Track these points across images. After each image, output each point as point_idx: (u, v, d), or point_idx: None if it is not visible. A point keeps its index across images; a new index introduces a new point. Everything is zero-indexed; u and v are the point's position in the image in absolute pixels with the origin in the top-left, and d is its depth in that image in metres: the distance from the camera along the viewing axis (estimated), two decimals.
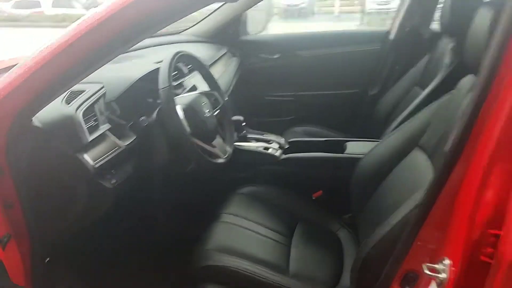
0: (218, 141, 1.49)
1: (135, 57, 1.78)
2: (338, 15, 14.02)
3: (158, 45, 2.17)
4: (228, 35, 2.60)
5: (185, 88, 1.72)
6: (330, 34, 2.81)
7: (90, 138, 1.15)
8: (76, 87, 1.28)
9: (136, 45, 2.16)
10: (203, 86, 1.69)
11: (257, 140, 1.98)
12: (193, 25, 2.58)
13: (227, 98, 1.96)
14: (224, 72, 2.27)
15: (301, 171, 1.83)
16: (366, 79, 2.61)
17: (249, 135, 1.99)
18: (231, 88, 2.28)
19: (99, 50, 0.95)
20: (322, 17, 14.28)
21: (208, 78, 1.59)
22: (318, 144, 1.96)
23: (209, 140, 1.44)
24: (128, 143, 1.31)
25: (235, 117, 1.88)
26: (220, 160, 1.45)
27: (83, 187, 1.16)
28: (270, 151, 1.86)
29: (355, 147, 1.85)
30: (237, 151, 1.84)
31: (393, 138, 1.47)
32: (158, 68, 1.35)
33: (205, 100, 1.47)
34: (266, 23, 2.74)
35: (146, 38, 1.09)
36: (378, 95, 2.50)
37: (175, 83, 1.69)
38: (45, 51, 0.95)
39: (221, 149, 1.48)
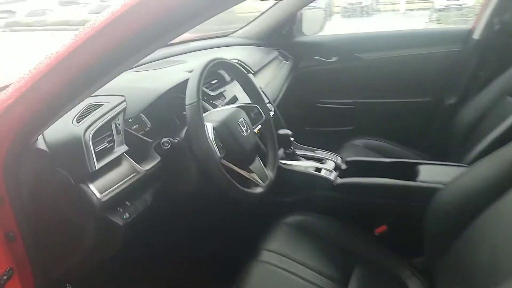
0: (257, 164, 1.24)
1: (171, 63, 1.58)
2: (404, 13, 13.18)
3: (201, 50, 1.96)
4: (281, 37, 2.34)
5: (225, 98, 1.49)
6: (397, 34, 2.44)
7: (99, 164, 0.95)
8: (93, 100, 1.10)
9: (178, 49, 2.00)
10: (244, 98, 1.45)
11: (308, 158, 1.69)
12: (244, 27, 2.35)
13: (273, 110, 1.70)
14: (273, 77, 2.02)
15: (361, 199, 1.51)
16: (441, 85, 2.22)
17: (299, 152, 1.71)
18: (281, 95, 2.02)
19: (107, 57, 0.74)
20: (387, 15, 13.51)
21: (249, 89, 1.34)
22: (383, 165, 1.63)
23: (245, 164, 1.19)
24: (149, 167, 1.09)
25: (282, 131, 1.61)
26: (258, 190, 1.19)
27: (88, 224, 0.96)
28: (323, 173, 1.57)
29: (431, 173, 1.50)
30: (283, 171, 1.57)
31: (485, 167, 1.13)
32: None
33: (243, 116, 1.23)
34: (324, 23, 2.43)
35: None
36: (457, 105, 2.10)
37: (214, 93, 1.47)
38: (47, 59, 0.76)
39: (260, 175, 1.23)
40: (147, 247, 1.28)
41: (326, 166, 1.62)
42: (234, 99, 1.45)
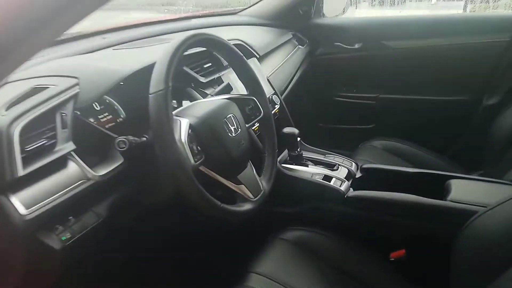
0: (248, 173, 0.98)
1: (158, 41, 1.32)
2: (436, 2, 12.50)
3: (201, 28, 1.70)
4: (297, 17, 2.04)
5: (219, 87, 1.23)
6: (432, 20, 2.10)
7: (28, 169, 0.72)
8: (42, 81, 0.86)
9: (174, 26, 1.74)
10: (242, 88, 1.19)
11: (317, 163, 1.43)
12: (255, 4, 2.07)
13: (278, 103, 1.44)
14: (283, 64, 1.74)
15: (376, 217, 1.24)
16: (482, 82, 1.90)
17: (306, 154, 1.45)
18: (291, 85, 1.74)
19: None
20: (418, 5, 12.83)
21: (245, 76, 1.07)
22: (406, 176, 1.35)
23: (232, 173, 0.94)
24: (105, 172, 0.85)
25: (287, 129, 1.35)
26: (246, 207, 0.94)
27: (14, 248, 0.73)
28: (333, 182, 1.30)
29: (466, 190, 1.21)
30: (285, 178, 1.32)
31: None
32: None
33: (233, 111, 0.97)
34: (347, 2, 2.12)
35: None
36: (499, 106, 1.78)
37: (205, 79, 1.21)
38: None
39: (251, 186, 0.97)
40: (101, 273, 1.05)
41: (338, 174, 1.35)
42: (227, 89, 1.19)
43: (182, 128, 0.83)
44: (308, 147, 1.52)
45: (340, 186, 1.28)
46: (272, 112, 1.42)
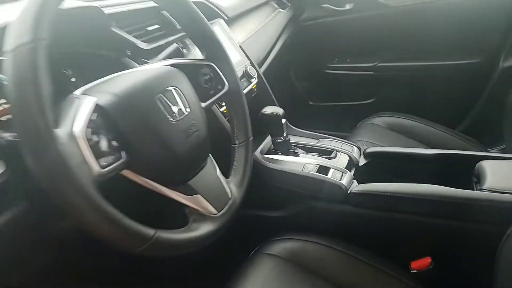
0: (207, 175, 0.66)
1: None
2: None
3: None
4: None
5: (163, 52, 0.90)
6: None
7: None
8: None
9: None
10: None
11: (308, 150, 1.12)
12: None
13: (255, 76, 1.12)
14: (261, 30, 1.41)
15: (390, 217, 0.94)
16: (498, 41, 1.59)
17: (295, 140, 1.14)
18: (272, 56, 1.42)
19: None
20: None
21: (198, 34, 0.75)
22: (421, 160, 1.05)
23: (178, 178, 0.62)
24: None
25: (269, 109, 1.03)
26: (204, 229, 0.61)
27: None
28: (331, 174, 0.99)
29: (506, 175, 0.92)
30: (268, 172, 1.01)
31: None
32: None
33: (176, 82, 0.64)
34: None
35: None
36: None
37: (148, 46, 0.88)
38: None
39: (212, 196, 0.65)
40: None
41: (336, 162, 1.04)
42: (176, 55, 0.86)
43: (81, 112, 0.51)
44: (297, 130, 1.21)
45: (340, 179, 0.97)
46: (248, 88, 1.11)
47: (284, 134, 1.07)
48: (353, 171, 1.05)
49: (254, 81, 1.14)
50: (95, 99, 0.53)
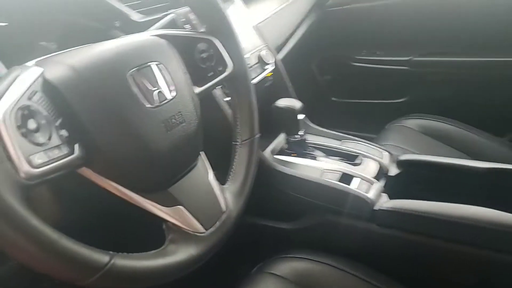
0: (197, 179, 0.50)
1: None
2: None
3: None
4: None
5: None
6: None
7: None
8: None
9: None
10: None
11: (329, 153, 0.94)
12: None
13: (271, 63, 0.95)
14: (280, 14, 1.23)
15: (426, 243, 0.76)
16: None
17: (313, 141, 0.97)
18: (291, 43, 1.25)
19: None
20: None
21: (198, 3, 0.58)
22: (471, 174, 0.86)
23: (155, 182, 0.46)
24: None
25: (283, 102, 0.86)
26: (183, 254, 0.45)
27: None
28: (355, 185, 0.81)
29: None
30: (278, 176, 0.85)
31: None
32: None
33: (160, 57, 0.48)
34: None
35: None
36: None
37: (142, 19, 0.73)
38: None
39: (200, 206, 0.49)
40: None
41: (362, 170, 0.86)
42: (172, 27, 0.70)
43: (13, 88, 0.35)
44: (316, 128, 1.03)
45: (366, 192, 0.80)
46: (262, 75, 0.94)
47: (301, 132, 0.90)
48: (382, 182, 0.87)
49: (270, 68, 0.97)
50: (41, 70, 0.38)
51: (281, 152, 0.93)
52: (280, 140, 0.95)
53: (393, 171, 0.91)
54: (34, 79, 0.37)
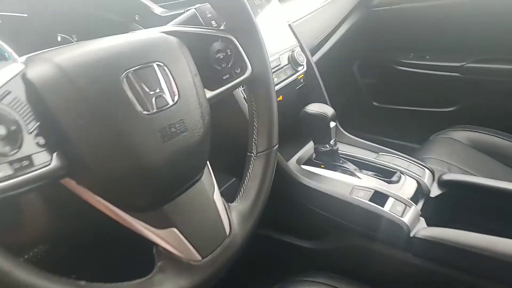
0: (198, 196, 0.44)
1: None
2: None
3: None
4: None
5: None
6: None
7: None
8: None
9: None
10: None
11: (362, 166, 0.85)
12: None
13: (303, 65, 0.88)
14: (320, 10, 1.15)
15: (467, 280, 0.66)
16: None
17: (345, 151, 0.88)
18: (330, 43, 1.16)
19: None
20: None
21: None
22: None
23: (146, 200, 0.40)
24: None
25: (313, 107, 0.78)
26: (174, 285, 0.39)
27: None
28: (389, 206, 0.72)
29: None
30: (302, 189, 0.77)
31: None
32: None
33: (163, 57, 0.41)
34: None
35: None
36: None
37: (164, 12, 0.68)
38: None
39: (198, 228, 0.43)
40: None
41: (399, 189, 0.77)
42: (192, 23, 0.63)
43: None
44: (350, 137, 0.94)
45: (402, 215, 0.70)
46: (293, 77, 0.86)
47: (332, 142, 0.81)
48: (421, 204, 0.77)
49: (302, 69, 0.89)
50: (21, 67, 0.34)
51: (309, 162, 0.85)
52: (309, 148, 0.88)
53: (435, 191, 0.81)
54: (10, 78, 0.33)
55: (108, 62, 0.37)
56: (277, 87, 0.82)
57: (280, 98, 0.86)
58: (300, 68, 0.88)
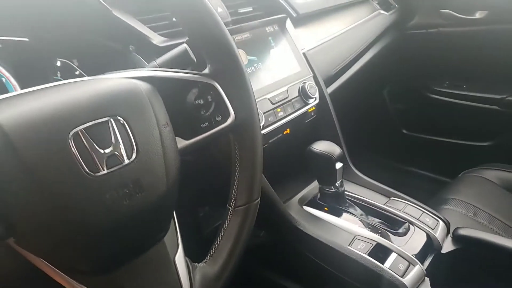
0: (156, 255, 0.41)
1: None
2: None
3: None
4: None
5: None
6: None
7: None
8: None
9: None
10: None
11: (369, 212, 0.78)
12: None
13: (314, 97, 0.83)
14: (346, 33, 1.09)
15: None
16: None
17: (352, 192, 0.82)
18: (357, 67, 1.11)
19: None
20: None
21: (196, 32, 0.48)
22: None
23: (94, 264, 0.37)
24: None
25: (319, 146, 0.74)
26: None
27: None
28: (389, 262, 0.66)
29: None
30: (301, 235, 0.72)
31: None
32: None
33: (126, 111, 0.38)
34: None
35: None
36: None
37: (162, 42, 0.66)
38: None
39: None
40: None
41: (404, 242, 0.70)
42: (182, 60, 0.60)
43: None
44: (362, 178, 0.88)
45: (403, 275, 0.64)
46: (302, 110, 0.82)
47: (337, 183, 0.76)
48: (429, 260, 0.70)
49: (313, 102, 0.84)
50: None
51: (312, 202, 0.80)
52: (314, 187, 0.83)
53: (447, 247, 0.73)
54: None
55: (55, 120, 0.35)
56: (283, 121, 0.78)
57: (287, 131, 0.82)
58: (311, 100, 0.83)
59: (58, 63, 0.65)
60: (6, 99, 0.36)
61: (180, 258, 0.43)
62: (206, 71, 0.49)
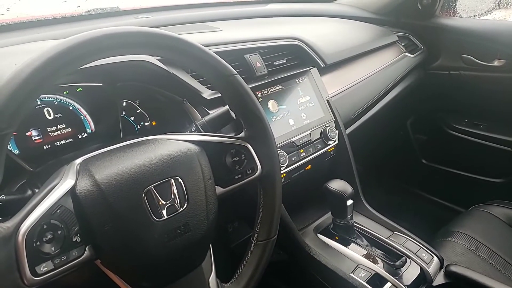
0: (195, 277, 0.56)
1: (199, 29, 0.98)
2: None
3: (268, 16, 1.29)
4: (415, 13, 1.47)
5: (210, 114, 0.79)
6: None
7: None
8: None
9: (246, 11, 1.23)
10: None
11: (374, 244, 0.91)
12: None
13: (334, 140, 0.97)
14: (372, 75, 1.21)
15: None
16: None
17: (361, 224, 0.95)
18: (381, 104, 1.23)
19: None
20: None
21: (233, 101, 0.63)
22: None
23: (146, 280, 0.53)
24: None
25: (334, 185, 0.87)
26: None
27: None
28: None
29: None
30: (311, 260, 0.86)
31: None
32: None
33: (182, 171, 0.54)
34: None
35: None
36: None
37: (209, 95, 0.81)
38: None
39: None
40: None
41: (399, 273, 0.83)
42: (222, 119, 0.75)
43: (44, 203, 0.45)
44: (371, 212, 1.01)
45: None
46: (322, 150, 0.96)
47: (348, 217, 0.90)
48: None
49: (332, 143, 0.98)
50: (71, 184, 0.48)
51: (325, 231, 0.94)
52: (328, 217, 0.96)
53: (439, 280, 0.85)
54: (62, 194, 0.46)
55: (136, 180, 0.50)
56: (305, 160, 0.92)
57: (309, 167, 0.96)
58: (331, 142, 0.97)
59: (124, 104, 0.81)
60: (105, 159, 0.51)
61: (212, 280, 0.59)
62: (242, 134, 0.64)
